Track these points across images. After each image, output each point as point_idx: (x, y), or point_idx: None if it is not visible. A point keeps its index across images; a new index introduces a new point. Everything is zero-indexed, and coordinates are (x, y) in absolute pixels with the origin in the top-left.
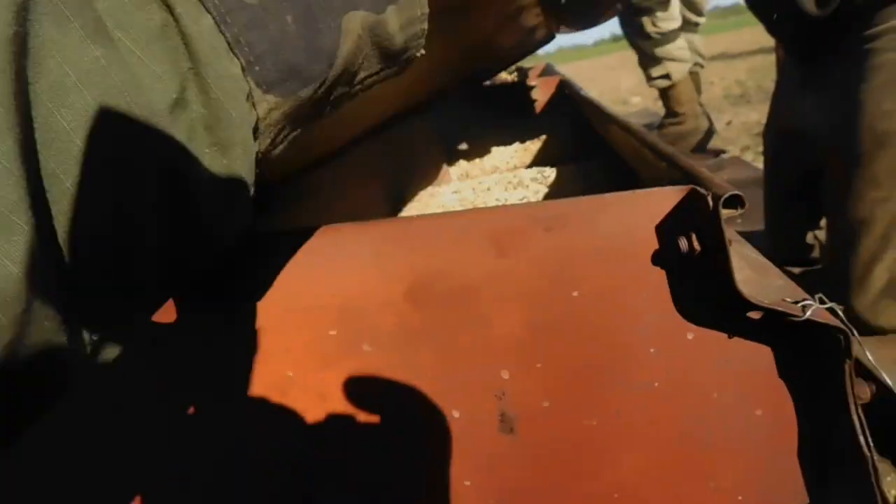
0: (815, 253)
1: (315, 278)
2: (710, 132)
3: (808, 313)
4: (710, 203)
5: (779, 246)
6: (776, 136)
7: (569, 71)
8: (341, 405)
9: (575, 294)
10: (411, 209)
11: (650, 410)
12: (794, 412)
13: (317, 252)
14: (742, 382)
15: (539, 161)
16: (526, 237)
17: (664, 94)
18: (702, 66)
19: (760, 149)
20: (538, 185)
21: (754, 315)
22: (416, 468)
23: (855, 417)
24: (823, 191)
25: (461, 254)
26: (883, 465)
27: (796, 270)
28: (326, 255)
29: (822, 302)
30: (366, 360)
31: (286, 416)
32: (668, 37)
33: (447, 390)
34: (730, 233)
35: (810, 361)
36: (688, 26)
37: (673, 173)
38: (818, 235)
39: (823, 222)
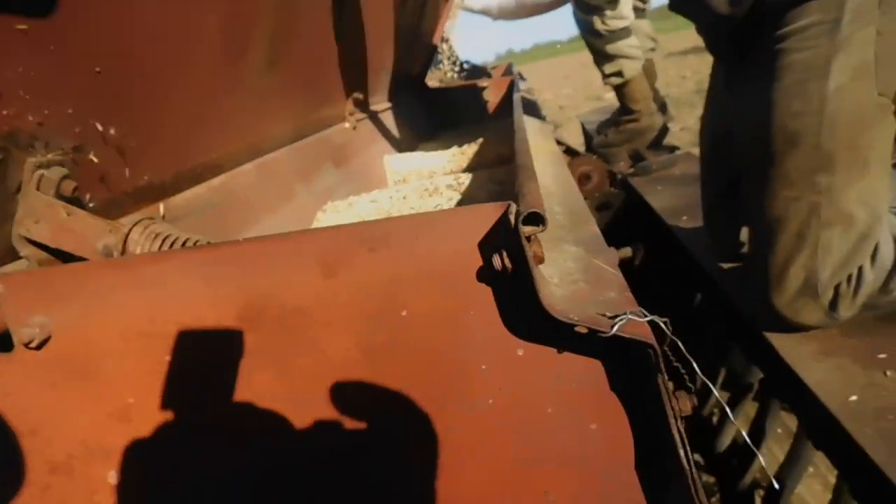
0: (747, 249)
1: (150, 305)
2: (664, 129)
3: (615, 328)
4: (513, 222)
5: (715, 243)
6: (707, 136)
7: (544, 67)
8: (183, 428)
9: (403, 314)
10: (325, 219)
11: (485, 427)
12: (628, 425)
13: (150, 279)
14: (575, 397)
15: (474, 165)
16: (351, 258)
17: (618, 91)
18: (654, 50)
19: None
20: (452, 192)
21: (581, 329)
22: (256, 488)
23: (674, 431)
24: (742, 190)
25: (291, 276)
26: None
27: (726, 266)
28: (160, 281)
29: (642, 315)
30: (205, 381)
31: (129, 442)
32: (619, 34)
33: (286, 412)
34: (536, 248)
35: (631, 375)
36: (637, 13)
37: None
38: None
39: None
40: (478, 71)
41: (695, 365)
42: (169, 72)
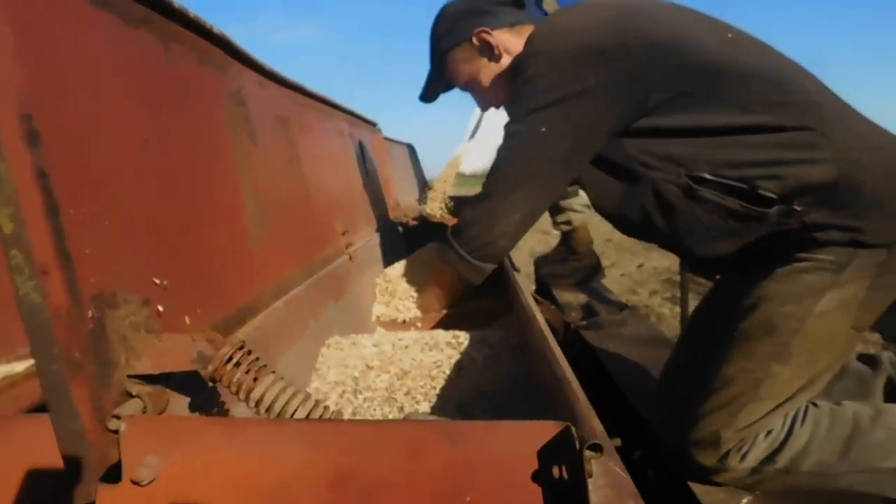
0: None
1: (253, 461)
2: (598, 268)
3: None
4: (577, 446)
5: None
6: None
7: None
8: None
9: (467, 500)
10: (329, 354)
11: None
12: None
13: (258, 439)
14: None
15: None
16: (434, 447)
17: (565, 235)
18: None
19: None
20: (451, 350)
21: None
22: None
23: None
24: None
25: (380, 454)
26: None
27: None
28: (266, 442)
29: None
30: None
31: None
32: (570, 193)
33: None
34: (589, 467)
35: None
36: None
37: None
38: None
39: None
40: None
41: None
42: (194, 231)
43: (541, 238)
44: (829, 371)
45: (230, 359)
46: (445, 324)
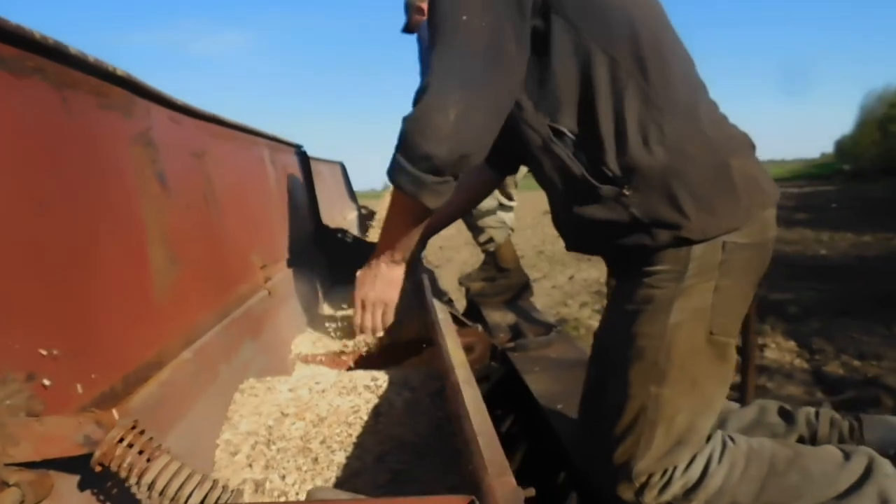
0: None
1: None
2: (527, 286)
3: None
4: None
5: None
6: None
7: None
8: None
9: None
10: (242, 401)
11: None
12: None
13: None
14: None
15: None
16: None
17: (490, 255)
18: (512, 232)
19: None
20: (369, 394)
21: None
22: None
23: None
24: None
25: None
26: None
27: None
28: None
29: None
30: None
31: None
32: (483, 213)
33: None
34: None
35: None
36: (503, 207)
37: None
38: None
39: None
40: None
41: None
42: (89, 291)
43: (473, 251)
44: (719, 383)
45: (121, 440)
46: (369, 360)
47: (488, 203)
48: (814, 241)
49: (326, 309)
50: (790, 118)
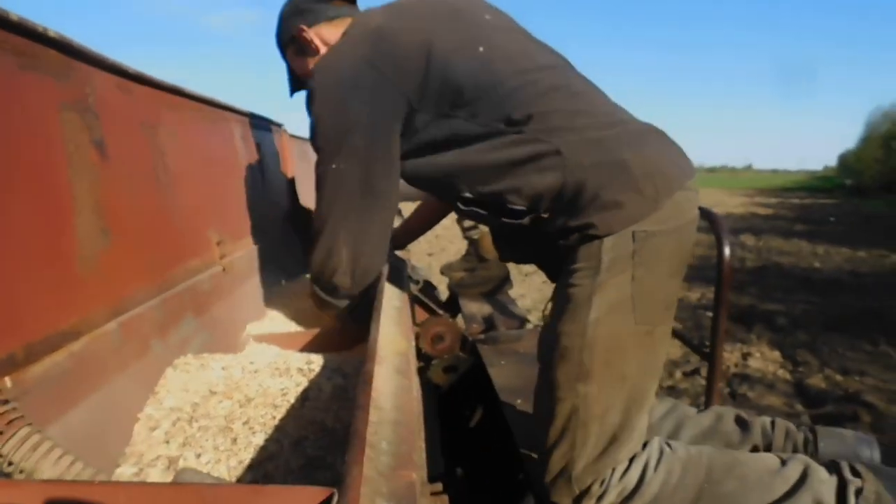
0: None
1: None
2: (507, 278)
3: None
4: None
5: None
6: None
7: None
8: None
9: None
10: (173, 376)
11: None
12: None
13: None
14: None
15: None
16: None
17: (474, 244)
18: None
19: None
20: (301, 377)
21: None
22: None
23: None
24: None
25: None
26: None
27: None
28: None
29: None
30: None
31: None
32: None
33: None
34: None
35: None
36: None
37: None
38: None
39: None
40: None
41: None
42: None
43: (462, 246)
44: (648, 377)
45: None
46: (324, 344)
47: None
48: (809, 253)
49: (290, 289)
50: (795, 129)
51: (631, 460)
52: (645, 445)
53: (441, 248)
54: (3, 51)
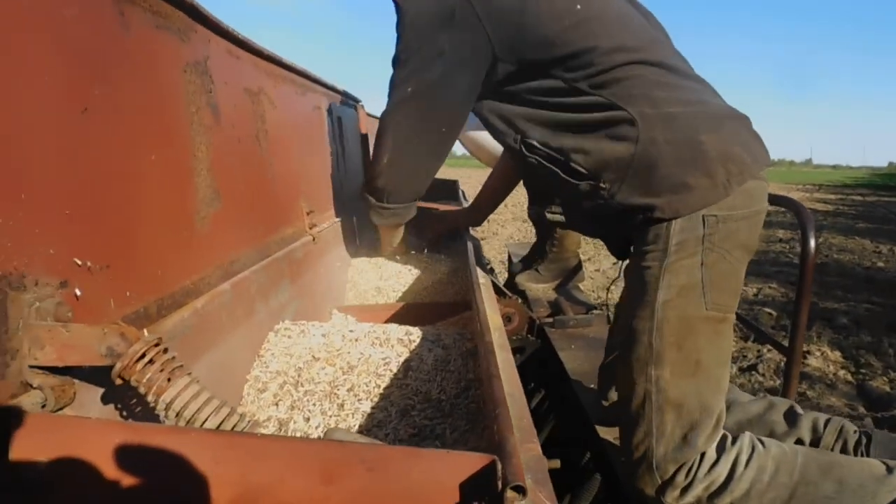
0: None
1: (152, 474)
2: (579, 269)
3: None
4: (500, 486)
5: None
6: None
7: (480, 174)
8: None
9: None
10: (275, 341)
11: None
12: None
13: (157, 449)
14: None
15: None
16: (350, 472)
17: (554, 233)
18: None
19: None
20: (402, 348)
21: None
22: None
23: None
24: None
25: (291, 476)
26: None
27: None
28: (164, 453)
29: None
30: None
31: None
32: None
33: None
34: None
35: None
36: None
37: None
38: None
39: None
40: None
41: None
42: (130, 209)
43: (520, 226)
44: (722, 365)
45: (143, 356)
46: (404, 317)
47: None
48: (872, 252)
49: (367, 264)
50: (858, 123)
51: (720, 454)
52: (735, 440)
53: (493, 231)
54: (143, 10)
